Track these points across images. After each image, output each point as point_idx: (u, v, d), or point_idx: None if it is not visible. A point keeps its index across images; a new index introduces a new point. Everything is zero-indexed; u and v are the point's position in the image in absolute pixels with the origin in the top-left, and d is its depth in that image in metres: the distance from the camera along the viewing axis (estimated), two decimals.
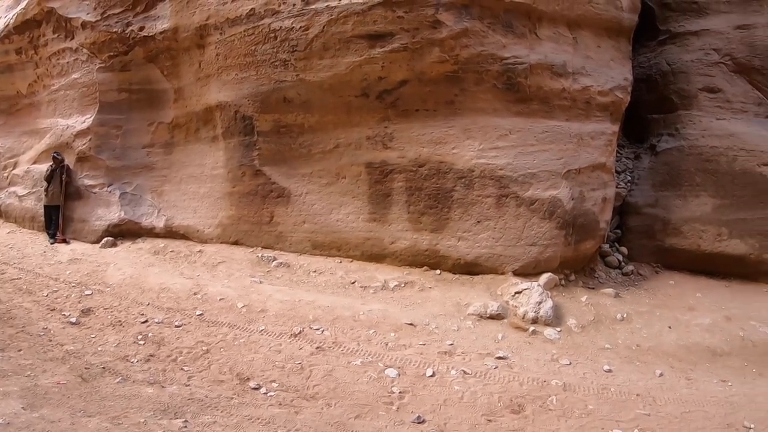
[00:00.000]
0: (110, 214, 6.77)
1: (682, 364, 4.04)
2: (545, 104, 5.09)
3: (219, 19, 5.88)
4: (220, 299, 4.82)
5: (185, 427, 2.75)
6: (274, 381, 3.44)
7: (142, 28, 6.69)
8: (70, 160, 7.19)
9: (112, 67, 6.96)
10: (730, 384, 3.73)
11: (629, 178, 6.23)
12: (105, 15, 6.96)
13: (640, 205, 6.07)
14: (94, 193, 6.98)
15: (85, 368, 3.43)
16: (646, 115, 6.46)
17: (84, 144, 7.07)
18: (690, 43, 6.24)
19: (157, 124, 6.87)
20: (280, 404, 3.15)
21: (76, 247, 6.55)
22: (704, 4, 6.30)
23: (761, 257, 5.63)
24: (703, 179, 5.83)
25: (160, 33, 6.50)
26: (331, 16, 5.08)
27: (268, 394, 3.28)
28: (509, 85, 4.98)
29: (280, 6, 5.40)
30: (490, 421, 3.09)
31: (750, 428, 3.14)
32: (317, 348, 3.91)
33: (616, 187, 5.87)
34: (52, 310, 4.52)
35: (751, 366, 4.09)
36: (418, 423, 3.02)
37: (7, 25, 8.04)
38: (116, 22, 6.86)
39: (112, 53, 6.96)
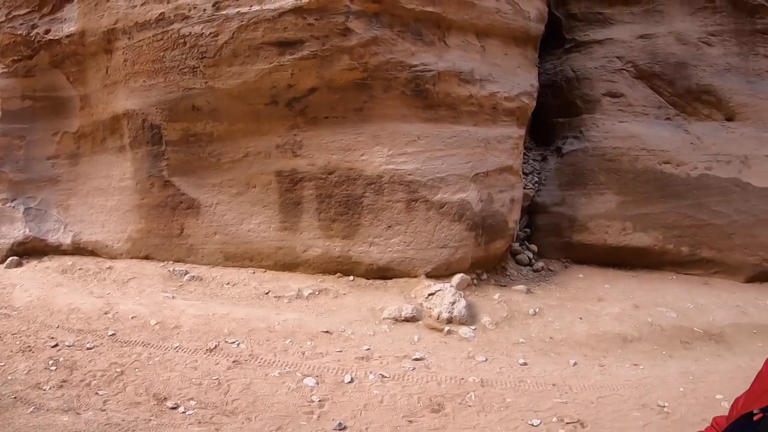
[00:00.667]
0: (14, 231, 6.30)
1: (594, 353, 4.25)
2: (453, 110, 5.23)
3: (128, 23, 5.63)
4: (132, 317, 4.60)
5: None
6: (192, 399, 3.33)
7: (48, 31, 6.29)
8: None
9: (16, 72, 6.50)
10: (642, 367, 3.96)
11: (537, 179, 6.57)
12: (10, 16, 6.48)
13: (547, 205, 6.40)
14: None
15: None
16: (552, 119, 6.83)
17: None
18: (594, 51, 6.66)
19: (62, 133, 6.45)
20: (200, 422, 3.07)
21: None
22: (609, 15, 6.74)
23: (665, 248, 6.09)
24: (607, 178, 6.24)
25: (67, 36, 6.14)
26: (242, 22, 4.99)
27: (187, 413, 3.17)
28: (417, 92, 5.09)
29: (190, 11, 5.24)
30: (410, 422, 3.13)
31: (664, 407, 3.33)
32: (234, 362, 3.81)
33: (524, 188, 6.15)
34: None
35: (660, 349, 4.38)
36: (340, 430, 3.02)
37: None
38: (21, 24, 6.40)
39: (16, 57, 6.49)
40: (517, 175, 5.77)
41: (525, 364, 3.97)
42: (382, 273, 5.15)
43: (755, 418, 0.52)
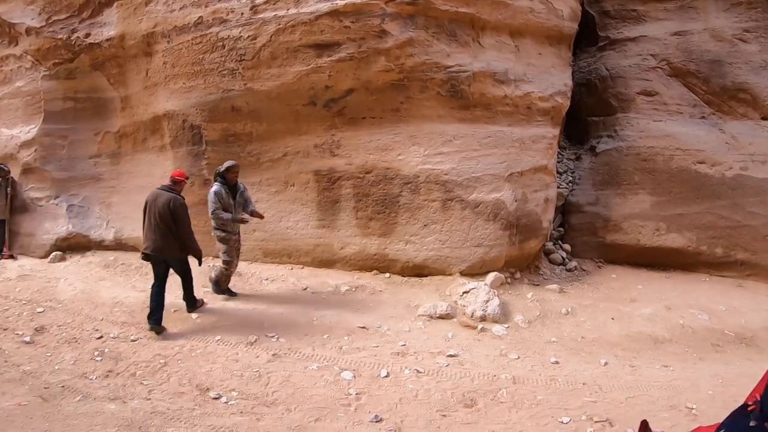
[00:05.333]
0: (58, 227, 6.54)
1: (625, 353, 4.25)
2: (488, 110, 5.26)
3: (166, 27, 5.80)
4: (174, 311, 4.76)
5: None
6: (233, 390, 3.45)
7: (88, 35, 6.51)
8: (14, 172, 6.89)
9: (57, 74, 6.74)
10: (672, 369, 3.96)
11: (571, 178, 6.53)
12: (50, 21, 6.72)
13: (581, 204, 6.37)
14: (41, 206, 6.72)
15: (45, 388, 3.36)
16: (587, 117, 6.78)
17: (29, 155, 6.81)
18: (628, 48, 6.58)
19: (103, 133, 6.68)
20: (242, 412, 3.18)
21: (24, 263, 6.31)
22: (643, 12, 6.65)
23: (698, 249, 6.00)
24: (642, 178, 6.17)
25: (107, 40, 6.35)
26: (279, 25, 5.10)
27: (229, 403, 3.30)
28: (453, 93, 5.13)
29: (228, 15, 5.37)
30: (444, 416, 3.20)
31: (692, 409, 3.33)
32: (273, 355, 3.95)
33: (558, 188, 6.14)
34: (4, 330, 4.36)
35: (691, 351, 4.36)
36: (376, 422, 3.10)
37: None
38: (62, 29, 6.64)
39: (57, 60, 6.73)
40: (552, 174, 5.76)
41: (556, 362, 4.00)
42: (418, 270, 5.21)
43: (749, 408, 0.59)
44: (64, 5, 6.66)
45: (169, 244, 4.43)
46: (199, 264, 4.71)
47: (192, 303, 4.70)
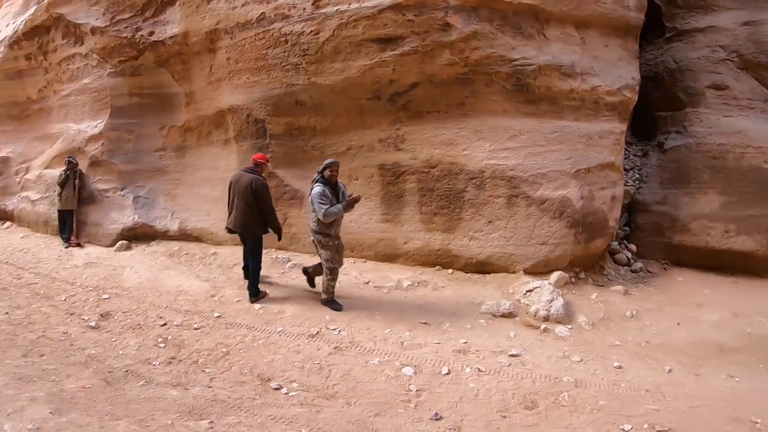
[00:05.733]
0: (124, 217, 6.85)
1: (690, 360, 4.09)
2: (554, 105, 5.14)
3: (229, 24, 5.94)
4: (237, 301, 4.88)
5: (211, 428, 2.81)
6: (294, 381, 3.49)
7: (152, 33, 6.76)
8: (82, 165, 7.27)
9: (123, 71, 7.04)
10: (737, 379, 3.78)
11: (637, 175, 6.28)
12: (114, 20, 7.02)
13: (648, 203, 6.12)
14: (108, 197, 7.06)
15: (109, 372, 3.44)
16: (654, 112, 6.50)
17: (96, 148, 7.16)
18: (697, 40, 6.28)
19: (168, 127, 6.93)
20: (302, 404, 3.20)
21: (91, 251, 6.63)
22: (711, 1, 6.33)
23: None
24: (711, 176, 5.89)
25: (170, 37, 6.57)
26: (342, 20, 5.14)
27: (290, 394, 3.33)
28: (519, 86, 5.03)
29: (290, 10, 5.46)
30: (504, 417, 3.15)
31: (757, 423, 3.17)
32: (335, 348, 3.98)
33: (625, 185, 5.91)
34: (71, 315, 4.53)
35: (758, 361, 4.15)
36: (436, 420, 3.08)
37: (16, 31, 8.10)
38: (126, 27, 6.92)
39: (122, 58, 7.02)
40: (619, 171, 5.57)
41: (620, 367, 3.87)
42: (481, 267, 5.16)
43: None
44: (128, 5, 6.94)
45: (248, 221, 4.80)
46: (279, 239, 5.16)
47: (255, 293, 4.82)
